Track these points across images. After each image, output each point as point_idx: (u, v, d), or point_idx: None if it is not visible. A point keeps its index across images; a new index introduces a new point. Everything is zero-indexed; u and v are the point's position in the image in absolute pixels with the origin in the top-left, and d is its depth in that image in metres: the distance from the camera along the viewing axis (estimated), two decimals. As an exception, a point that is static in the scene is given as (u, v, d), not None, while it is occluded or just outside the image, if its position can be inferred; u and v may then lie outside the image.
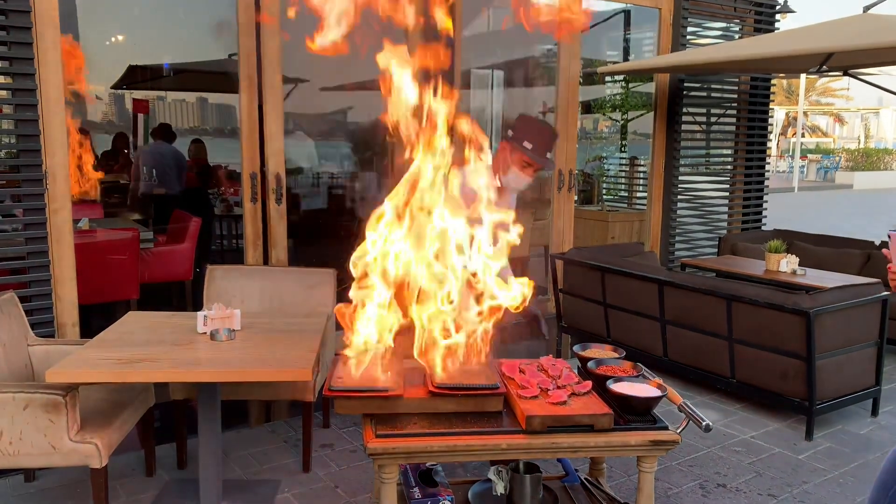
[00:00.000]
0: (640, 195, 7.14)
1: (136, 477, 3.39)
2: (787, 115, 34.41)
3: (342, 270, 3.94)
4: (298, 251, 6.71)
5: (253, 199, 4.11)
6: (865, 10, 5.20)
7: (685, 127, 6.26)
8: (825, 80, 30.11)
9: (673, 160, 6.21)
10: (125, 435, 2.97)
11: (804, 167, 27.56)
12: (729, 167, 6.77)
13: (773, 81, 6.73)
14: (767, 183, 6.96)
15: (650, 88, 6.43)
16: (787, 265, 5.27)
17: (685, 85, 6.16)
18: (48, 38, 3.40)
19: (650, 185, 6.32)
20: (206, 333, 2.88)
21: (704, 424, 2.18)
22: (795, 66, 5.48)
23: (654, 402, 2.22)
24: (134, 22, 9.46)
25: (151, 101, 10.66)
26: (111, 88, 10.03)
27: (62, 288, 3.57)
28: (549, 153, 2.97)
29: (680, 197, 6.33)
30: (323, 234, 7.87)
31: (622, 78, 8.15)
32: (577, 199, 5.75)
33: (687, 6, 5.96)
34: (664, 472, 3.52)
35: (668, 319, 4.61)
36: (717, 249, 6.53)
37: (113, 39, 9.53)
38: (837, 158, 29.41)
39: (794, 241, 6.28)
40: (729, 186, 6.77)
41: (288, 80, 5.32)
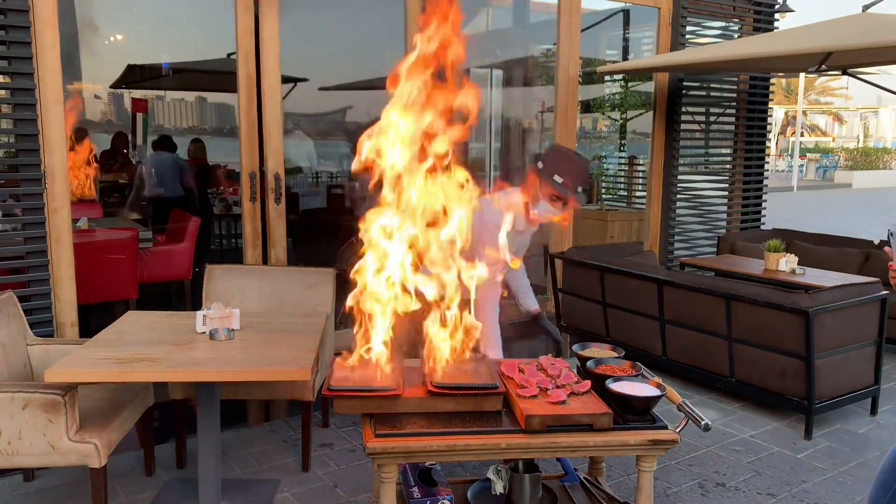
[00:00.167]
0: (639, 194, 7.14)
1: (135, 476, 3.39)
2: (786, 114, 34.42)
3: (341, 269, 3.96)
4: (297, 251, 6.72)
5: (252, 198, 4.10)
6: (864, 9, 5.20)
7: (684, 126, 6.26)
8: (824, 79, 30.12)
9: (672, 159, 6.21)
10: (124, 434, 2.97)
11: (803, 166, 27.57)
12: (728, 166, 6.77)
13: (772, 80, 6.74)
14: (766, 182, 6.96)
15: (649, 88, 6.43)
16: (786, 264, 5.27)
17: (684, 84, 6.16)
18: (47, 37, 3.40)
19: (649, 184, 6.32)
20: (205, 333, 2.88)
21: (703, 424, 2.19)
22: (794, 65, 5.48)
23: (653, 401, 2.22)
24: (133, 21, 9.45)
25: (150, 100, 10.65)
26: (110, 88, 10.03)
27: (61, 287, 3.57)
28: (580, 188, 2.89)
29: (679, 196, 6.34)
30: (322, 233, 7.87)
31: (621, 77, 8.15)
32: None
33: (686, 5, 5.96)
34: (663, 471, 3.52)
35: (667, 319, 4.61)
36: (716, 249, 6.53)
37: (112, 39, 9.52)
38: (836, 157, 29.42)
39: (793, 240, 6.28)
40: (728, 185, 6.77)
41: (287, 79, 5.33)
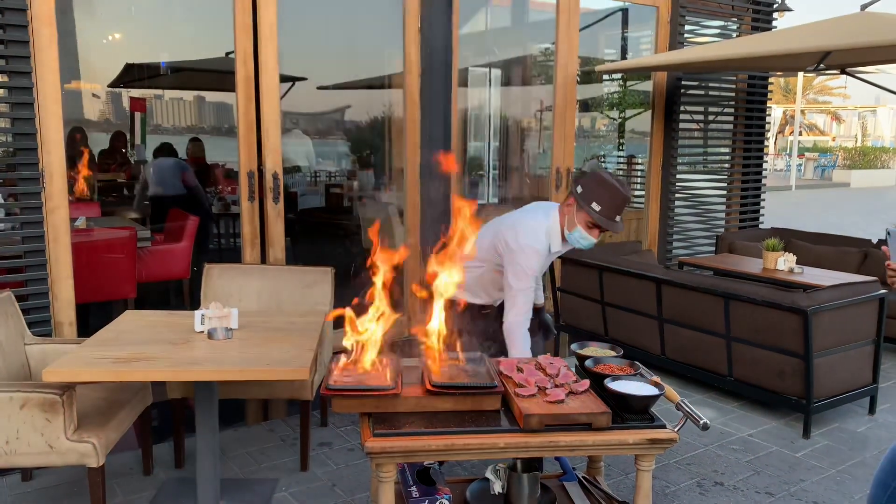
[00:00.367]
0: (637, 194, 7.13)
1: (133, 476, 3.39)
2: (784, 113, 34.42)
3: (339, 269, 3.96)
4: (296, 250, 6.71)
5: (250, 197, 4.10)
6: (863, 8, 5.20)
7: (683, 125, 6.26)
8: (822, 78, 30.15)
9: (670, 159, 6.21)
10: (122, 434, 2.96)
11: (801, 165, 27.58)
12: (726, 165, 6.78)
13: (770, 80, 6.74)
14: (765, 181, 6.97)
15: (648, 87, 6.43)
16: (784, 263, 5.27)
17: (683, 83, 6.16)
18: (44, 35, 3.39)
19: (648, 183, 6.32)
20: (203, 332, 2.88)
21: (702, 423, 2.19)
22: (793, 64, 5.48)
23: (651, 400, 2.22)
24: (131, 20, 9.43)
25: (149, 99, 10.64)
26: (108, 87, 10.00)
27: (59, 287, 3.57)
28: (618, 216, 2.84)
29: (678, 195, 6.34)
30: (320, 232, 7.87)
31: (620, 76, 8.15)
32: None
33: (685, 4, 5.97)
34: (662, 470, 3.53)
35: (665, 318, 4.61)
36: (714, 248, 6.53)
37: (110, 37, 9.51)
38: (835, 157, 29.44)
39: (791, 239, 6.29)
40: (726, 185, 6.78)
41: (285, 78, 5.33)
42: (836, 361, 4.01)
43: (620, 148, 8.91)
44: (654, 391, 2.24)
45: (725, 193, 6.78)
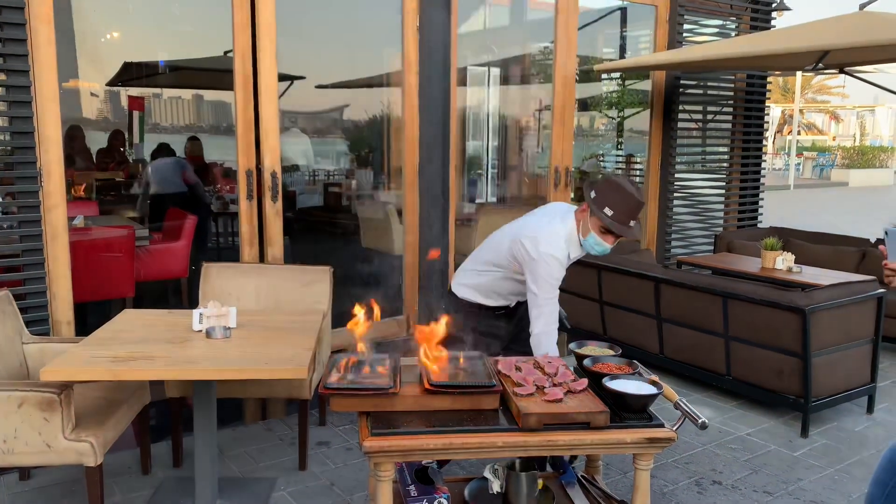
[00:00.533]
0: (636, 193, 7.15)
1: (131, 475, 3.39)
2: (783, 112, 34.41)
3: (338, 268, 3.95)
4: (294, 249, 6.71)
5: (249, 196, 4.09)
6: (861, 7, 5.19)
7: (681, 124, 6.26)
8: (821, 77, 30.15)
9: (669, 158, 6.21)
10: (120, 433, 2.96)
11: (800, 165, 27.60)
12: (725, 164, 6.78)
13: (769, 79, 6.74)
14: (763, 180, 6.97)
15: (647, 86, 6.43)
16: (782, 262, 5.27)
17: (681, 82, 6.16)
18: (42, 34, 3.38)
19: (646, 182, 6.32)
20: (201, 331, 2.88)
21: (700, 422, 2.19)
22: (791, 63, 5.48)
23: (649, 399, 2.22)
24: (129, 18, 9.42)
25: (147, 98, 10.63)
26: (106, 85, 9.99)
27: (57, 286, 3.56)
28: (632, 221, 2.79)
29: (676, 194, 6.34)
30: (319, 231, 7.87)
31: (619, 75, 8.15)
32: (572, 196, 5.75)
33: (683, 3, 5.97)
34: (660, 469, 3.53)
35: (664, 317, 4.61)
36: (713, 247, 6.53)
37: (108, 36, 9.50)
38: (833, 156, 29.44)
39: (789, 238, 6.29)
40: (725, 184, 6.78)
41: (284, 77, 5.32)
42: (834, 360, 4.01)
43: (619, 147, 8.91)
44: (652, 390, 2.24)
45: (724, 192, 6.78)
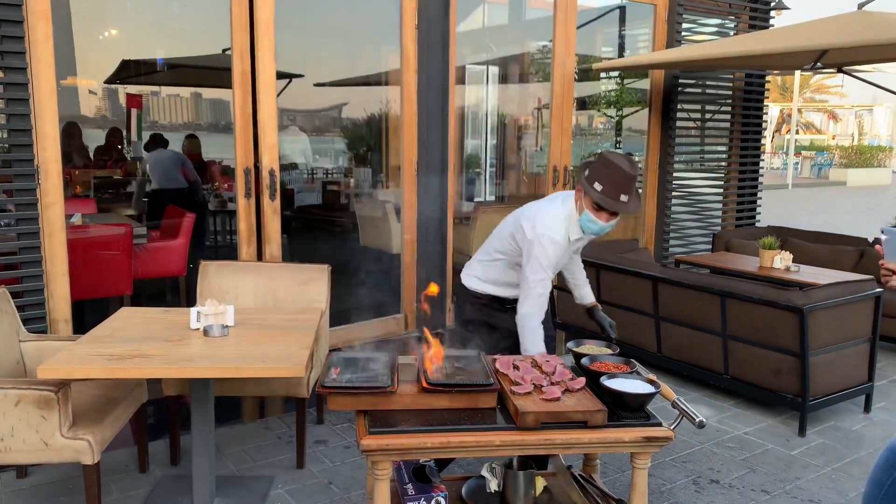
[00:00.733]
0: (634, 191, 7.16)
1: (129, 473, 3.39)
2: (781, 111, 34.43)
3: (336, 266, 3.95)
4: (292, 247, 6.70)
5: (247, 194, 4.09)
6: (860, 6, 5.19)
7: (680, 123, 6.27)
8: (819, 77, 30.16)
9: (667, 157, 6.22)
10: (118, 431, 2.96)
11: (798, 164, 27.62)
12: (723, 164, 6.78)
13: (767, 78, 6.74)
14: (761, 179, 6.97)
15: (645, 85, 6.43)
16: (780, 262, 5.28)
17: (680, 81, 6.16)
18: (40, 31, 3.37)
19: (645, 181, 6.32)
20: (199, 329, 2.87)
21: (698, 421, 2.19)
22: (790, 62, 5.48)
23: (647, 398, 2.23)
24: (127, 16, 9.40)
25: (145, 96, 10.61)
26: (104, 83, 9.98)
27: (54, 283, 3.55)
28: (623, 195, 2.67)
29: (674, 193, 6.34)
30: (317, 229, 7.86)
31: (617, 74, 8.15)
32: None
33: (682, 2, 5.97)
34: (658, 468, 3.53)
35: (662, 316, 4.61)
36: (711, 246, 6.53)
37: (106, 34, 9.48)
38: (831, 155, 29.47)
39: (788, 237, 6.29)
40: (723, 183, 6.78)
41: (282, 75, 5.31)
42: (831, 360, 4.02)
43: (618, 146, 8.91)
44: (650, 389, 2.24)
45: (722, 191, 6.78)
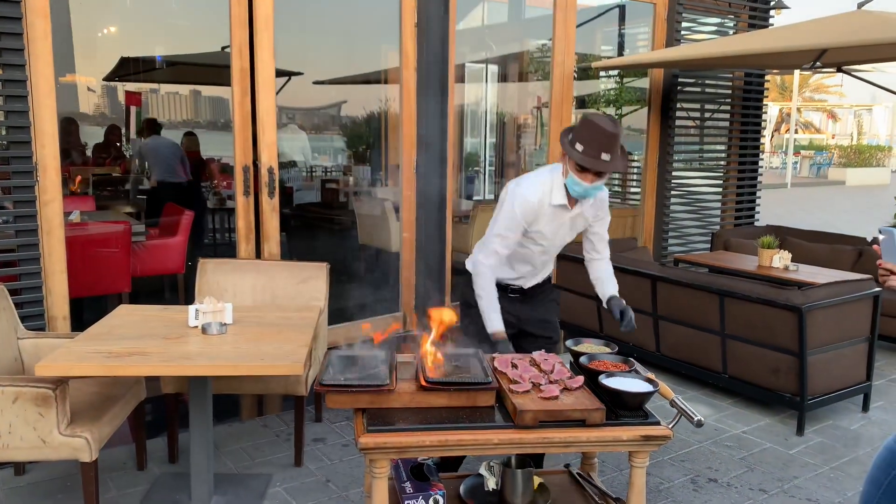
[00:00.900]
0: (633, 191, 7.14)
1: (127, 471, 3.38)
2: (780, 111, 34.45)
3: (334, 264, 3.95)
4: (291, 245, 6.70)
5: (245, 192, 4.09)
6: (859, 6, 5.20)
7: (679, 122, 6.27)
8: (819, 76, 30.17)
9: (666, 155, 6.22)
10: (116, 429, 2.96)
11: (797, 163, 27.64)
12: (722, 163, 6.79)
13: (766, 77, 6.74)
14: (760, 179, 6.98)
15: (644, 84, 6.43)
16: (779, 261, 5.28)
17: (679, 80, 6.16)
18: (39, 28, 3.37)
19: (644, 180, 6.33)
20: (197, 327, 2.87)
21: (696, 420, 2.19)
22: (789, 62, 5.48)
23: (645, 397, 2.22)
24: (126, 13, 9.39)
25: (144, 93, 10.59)
26: (103, 80, 9.97)
27: (53, 281, 3.55)
28: (605, 154, 2.58)
29: (673, 192, 6.35)
30: (316, 227, 7.86)
31: (617, 73, 8.15)
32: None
33: (682, 1, 5.96)
34: (656, 466, 3.53)
35: (660, 315, 4.62)
36: (709, 245, 6.54)
37: (105, 31, 9.47)
38: (830, 155, 29.49)
39: (786, 236, 6.29)
40: (722, 182, 6.78)
41: (281, 72, 5.30)
42: (830, 359, 4.02)
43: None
44: (648, 388, 2.24)
45: (721, 191, 6.79)
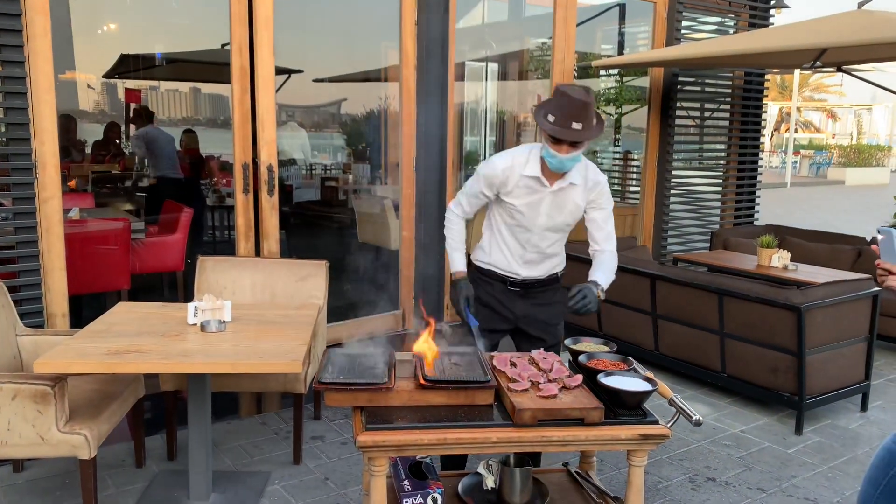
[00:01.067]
0: (633, 190, 7.15)
1: (125, 468, 3.38)
2: (780, 110, 34.44)
3: (334, 262, 3.95)
4: (290, 243, 6.70)
5: (245, 190, 4.08)
6: (860, 6, 5.19)
7: (679, 122, 6.27)
8: (819, 76, 30.17)
9: (666, 155, 6.22)
10: (114, 426, 2.96)
11: (797, 163, 27.64)
12: (722, 162, 6.79)
13: (766, 77, 6.74)
14: (760, 178, 6.98)
15: (644, 83, 6.43)
16: (778, 260, 5.28)
17: (679, 79, 6.16)
18: (38, 25, 3.36)
19: (643, 179, 6.33)
20: (196, 324, 2.87)
21: (694, 419, 2.19)
22: (789, 61, 5.48)
23: (644, 396, 2.22)
24: (126, 10, 9.38)
25: (144, 90, 10.59)
26: (103, 77, 9.96)
27: (52, 278, 3.55)
28: (575, 123, 2.52)
29: (673, 192, 6.35)
30: (315, 225, 7.86)
31: (616, 72, 8.15)
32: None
33: (682, 0, 5.96)
34: (654, 465, 3.53)
35: (659, 314, 4.62)
36: (709, 244, 6.54)
37: (105, 28, 9.46)
38: (830, 154, 29.49)
39: (785, 236, 6.29)
40: (722, 181, 6.78)
41: (281, 70, 5.30)
42: (828, 358, 4.02)
43: (616, 144, 8.92)
44: (646, 387, 2.24)
45: (720, 190, 6.79)
